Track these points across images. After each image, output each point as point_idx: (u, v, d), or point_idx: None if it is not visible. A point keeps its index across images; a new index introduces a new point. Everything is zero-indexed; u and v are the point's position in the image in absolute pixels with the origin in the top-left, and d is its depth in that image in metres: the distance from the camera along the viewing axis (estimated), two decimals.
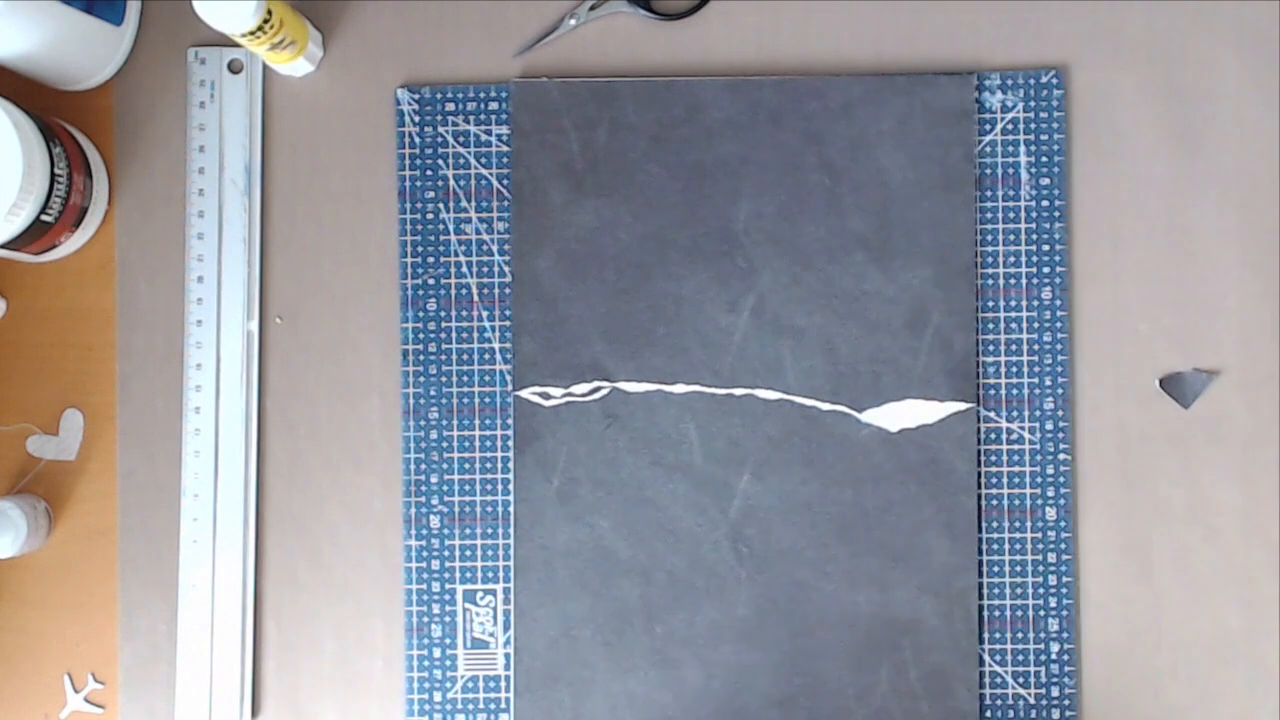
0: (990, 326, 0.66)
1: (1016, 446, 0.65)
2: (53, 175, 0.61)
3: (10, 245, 0.62)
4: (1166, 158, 0.66)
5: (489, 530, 0.66)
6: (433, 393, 0.66)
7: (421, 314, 0.67)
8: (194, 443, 0.66)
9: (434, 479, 0.66)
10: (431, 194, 0.67)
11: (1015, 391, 0.66)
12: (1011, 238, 0.66)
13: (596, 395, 0.66)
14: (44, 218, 0.62)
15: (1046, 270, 0.66)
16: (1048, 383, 0.65)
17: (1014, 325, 0.66)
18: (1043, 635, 0.65)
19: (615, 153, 0.66)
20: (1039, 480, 0.65)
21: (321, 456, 0.67)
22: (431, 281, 0.67)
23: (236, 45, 0.64)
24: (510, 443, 0.66)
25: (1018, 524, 0.65)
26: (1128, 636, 0.65)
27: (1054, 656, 0.65)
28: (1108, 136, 0.66)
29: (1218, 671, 0.65)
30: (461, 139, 0.67)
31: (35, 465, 0.67)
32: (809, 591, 0.65)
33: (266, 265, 0.67)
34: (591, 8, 0.67)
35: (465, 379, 0.66)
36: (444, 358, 0.67)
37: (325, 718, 0.66)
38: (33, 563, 0.67)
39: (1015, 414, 0.65)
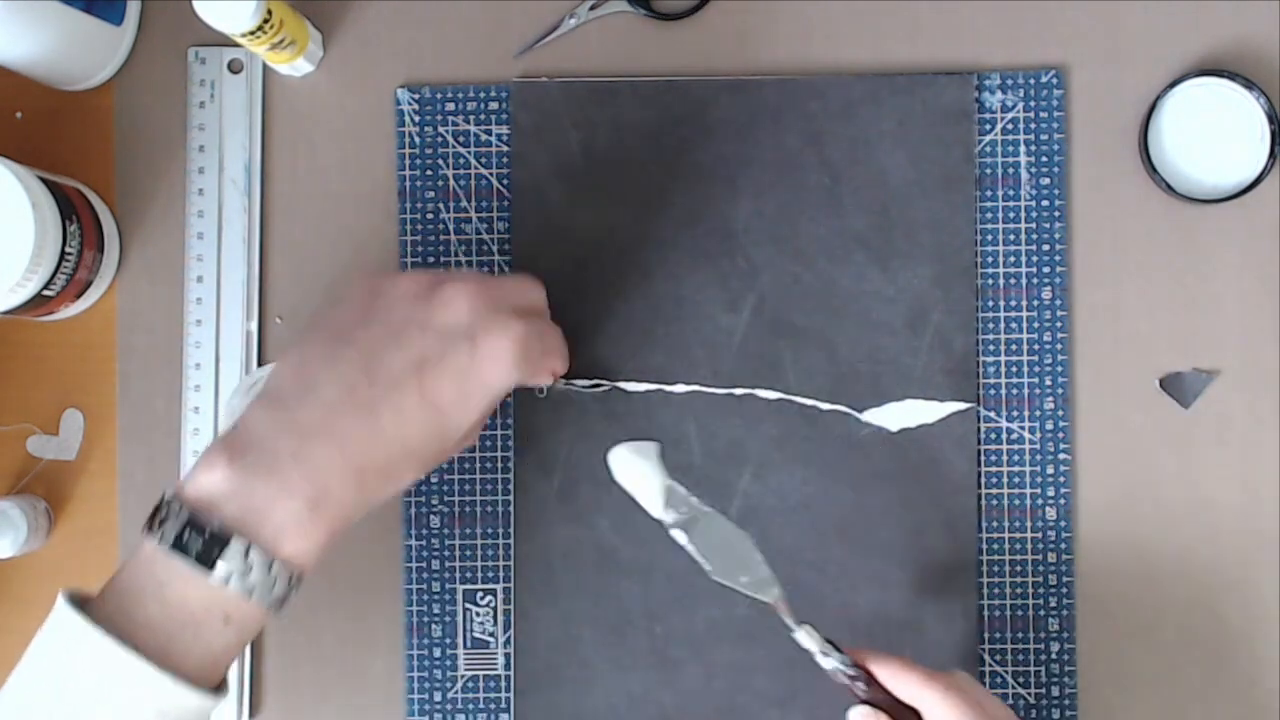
0: (990, 326, 0.66)
1: (1016, 446, 0.65)
2: (62, 254, 0.61)
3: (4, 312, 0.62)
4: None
5: (489, 530, 0.66)
6: None
7: None
8: (194, 443, 0.66)
9: (434, 479, 0.66)
10: (431, 194, 0.67)
11: (1015, 391, 0.66)
12: (1011, 238, 0.66)
13: (596, 394, 0.66)
14: (45, 292, 0.62)
15: (1046, 270, 0.66)
16: (1048, 383, 0.65)
17: (1014, 325, 0.66)
18: (1043, 635, 0.65)
19: (615, 153, 0.66)
20: (1039, 480, 0.65)
21: None
22: None
23: (236, 45, 0.64)
24: (510, 443, 0.66)
25: (1018, 524, 0.65)
26: (1128, 636, 0.65)
27: (1054, 656, 0.65)
28: (1108, 136, 0.66)
29: (1218, 671, 0.65)
30: (461, 139, 0.67)
31: (35, 465, 0.67)
32: (809, 591, 0.65)
33: (266, 265, 0.67)
34: (591, 8, 0.67)
35: None
36: None
37: (325, 718, 0.66)
38: (33, 563, 0.67)
39: (1015, 414, 0.65)
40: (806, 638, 0.55)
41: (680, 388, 0.66)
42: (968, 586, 0.65)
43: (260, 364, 0.67)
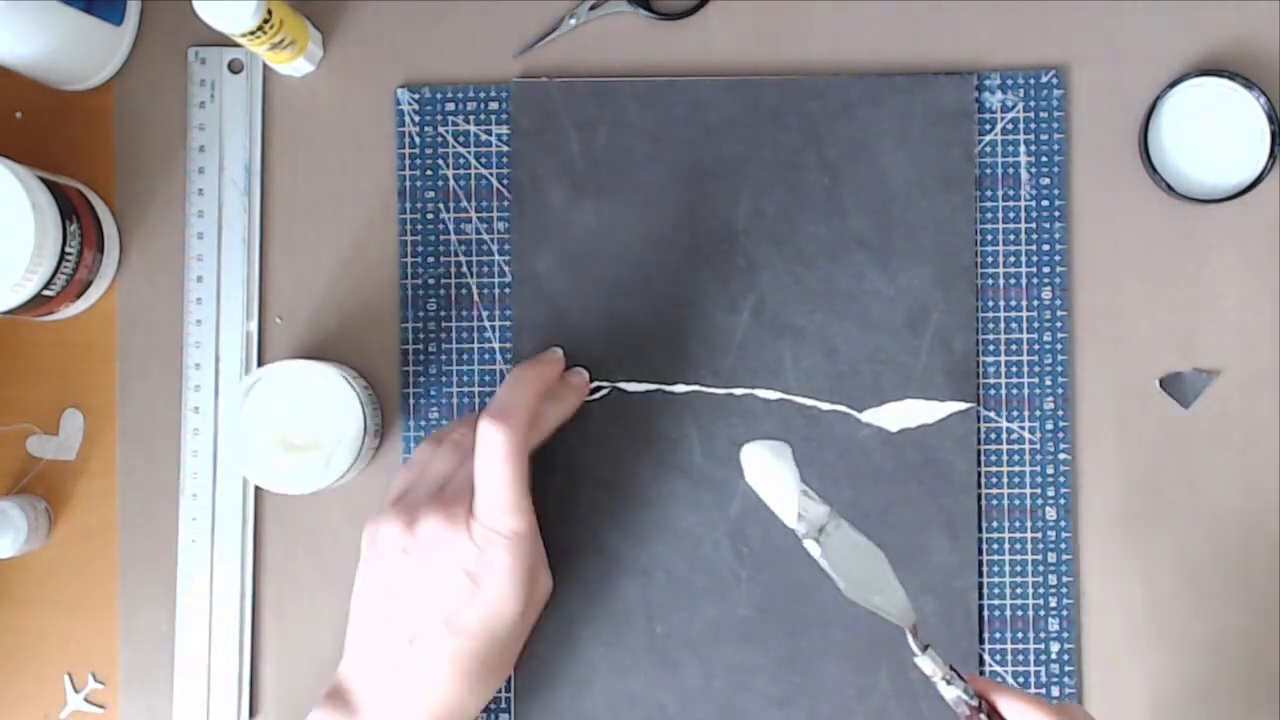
0: (990, 326, 0.66)
1: (1016, 446, 0.65)
2: (62, 254, 0.61)
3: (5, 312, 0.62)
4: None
5: None
6: (433, 393, 0.67)
7: (421, 314, 0.67)
8: (193, 443, 0.66)
9: None
10: (431, 194, 0.67)
11: (1015, 391, 0.66)
12: (1011, 238, 0.66)
13: (596, 395, 0.66)
14: (45, 292, 0.62)
15: (1046, 270, 0.66)
16: (1048, 383, 0.66)
17: (1014, 325, 0.66)
18: (1043, 635, 0.65)
19: (615, 153, 0.66)
20: (1039, 480, 0.65)
21: None
22: (431, 281, 0.67)
23: (236, 45, 0.64)
24: None
25: (1018, 524, 0.65)
26: (1128, 636, 0.65)
27: (1054, 656, 0.65)
28: (1108, 136, 0.66)
29: (1218, 671, 0.65)
30: (461, 139, 0.67)
31: (35, 465, 0.67)
32: (809, 591, 0.65)
33: (266, 265, 0.67)
34: (591, 8, 0.67)
35: (465, 379, 0.66)
36: (444, 358, 0.67)
37: None
38: (33, 563, 0.67)
39: (1015, 414, 0.65)
40: (929, 663, 0.52)
41: (680, 388, 0.66)
42: (968, 586, 0.65)
43: (260, 364, 0.67)
